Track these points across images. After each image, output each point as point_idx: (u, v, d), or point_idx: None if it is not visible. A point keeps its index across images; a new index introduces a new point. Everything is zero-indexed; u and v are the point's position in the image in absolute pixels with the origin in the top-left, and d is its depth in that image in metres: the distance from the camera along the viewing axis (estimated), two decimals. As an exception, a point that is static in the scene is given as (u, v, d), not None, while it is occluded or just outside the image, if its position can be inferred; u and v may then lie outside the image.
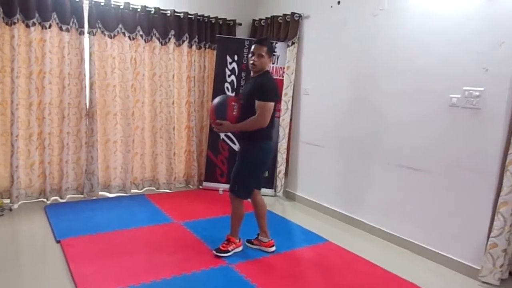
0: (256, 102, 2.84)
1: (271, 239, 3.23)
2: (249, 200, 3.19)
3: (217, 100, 3.03)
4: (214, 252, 3.03)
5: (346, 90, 3.99)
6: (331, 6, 4.10)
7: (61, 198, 4.17)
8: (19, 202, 3.96)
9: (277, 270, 2.89)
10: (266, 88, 2.87)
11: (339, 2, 4.01)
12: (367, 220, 3.77)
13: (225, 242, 3.09)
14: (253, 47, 2.93)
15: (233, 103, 2.97)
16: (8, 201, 3.91)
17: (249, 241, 3.28)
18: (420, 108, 3.29)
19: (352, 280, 2.82)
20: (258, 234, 3.28)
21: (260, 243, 3.23)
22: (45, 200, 4.08)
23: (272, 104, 2.87)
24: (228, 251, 3.04)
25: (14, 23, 3.72)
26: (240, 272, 2.81)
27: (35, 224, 3.53)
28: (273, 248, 3.19)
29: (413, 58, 3.32)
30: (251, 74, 3.05)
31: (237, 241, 3.14)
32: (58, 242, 3.14)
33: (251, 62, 2.92)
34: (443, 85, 3.10)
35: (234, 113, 2.94)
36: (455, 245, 3.08)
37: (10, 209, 3.82)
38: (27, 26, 3.80)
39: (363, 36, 3.78)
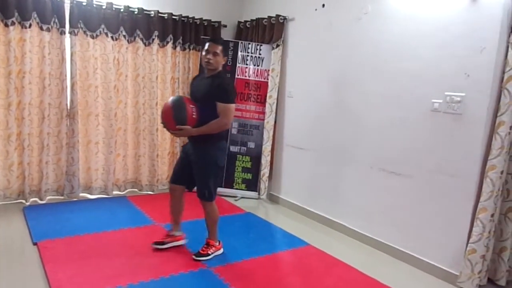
0: (220, 104, 2.80)
1: (183, 233, 3.24)
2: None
3: (171, 102, 2.82)
4: (194, 256, 2.99)
5: (330, 93, 4.00)
6: (316, 9, 4.11)
7: (41, 199, 4.10)
8: (-3, 204, 3.89)
9: (257, 274, 2.87)
10: (229, 90, 2.88)
11: (323, 5, 4.03)
12: (348, 224, 3.79)
13: (205, 245, 3.07)
14: (207, 45, 2.85)
15: (191, 106, 2.81)
16: (-15, 202, 3.84)
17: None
18: (402, 112, 3.31)
19: (331, 284, 2.82)
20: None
21: (173, 238, 3.18)
22: (24, 201, 4.01)
23: (234, 105, 2.90)
24: (209, 255, 3.02)
25: (-7, 21, 3.65)
26: (219, 275, 2.79)
27: (12, 226, 3.47)
28: (184, 241, 3.21)
29: (397, 61, 3.34)
30: (205, 73, 2.96)
31: (217, 243, 3.12)
32: (35, 244, 3.09)
33: (206, 60, 2.84)
34: (426, 89, 3.13)
35: (194, 116, 2.81)
36: (434, 250, 3.10)
37: (-13, 211, 3.75)
38: (6, 25, 3.73)
39: (347, 40, 3.80)
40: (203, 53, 2.86)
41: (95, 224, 3.55)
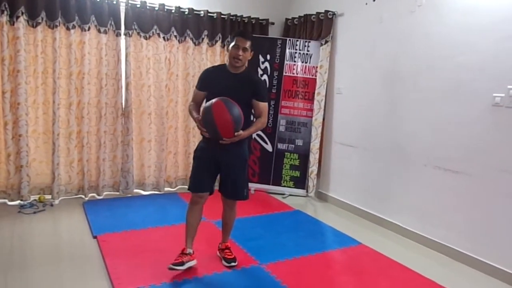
0: (260, 103, 2.70)
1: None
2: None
3: (230, 111, 2.46)
4: (226, 264, 2.85)
5: (381, 89, 3.88)
6: (366, 3, 4.00)
7: (98, 195, 4.31)
8: (60, 198, 4.12)
9: (308, 272, 2.84)
10: (265, 87, 2.80)
11: (374, -1, 3.92)
12: (402, 223, 3.66)
13: (229, 250, 2.93)
14: (236, 39, 2.62)
15: (240, 108, 2.54)
16: (49, 197, 4.08)
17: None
18: (460, 107, 3.15)
19: (387, 286, 2.74)
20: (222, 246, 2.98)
21: (190, 256, 2.80)
22: (83, 196, 4.23)
23: None
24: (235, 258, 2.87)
25: (56, 26, 3.87)
26: (271, 272, 2.79)
27: (74, 220, 3.66)
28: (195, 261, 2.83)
29: (453, 55, 3.19)
30: (226, 69, 2.71)
31: None
32: (94, 237, 3.24)
33: (235, 56, 2.60)
34: (486, 83, 2.96)
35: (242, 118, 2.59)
36: (497, 252, 2.92)
37: (51, 205, 3.98)
38: (68, 28, 3.94)
39: (399, 34, 3.67)
40: (232, 48, 2.63)
41: (149, 219, 3.67)
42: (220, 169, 2.76)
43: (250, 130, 2.69)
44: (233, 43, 2.64)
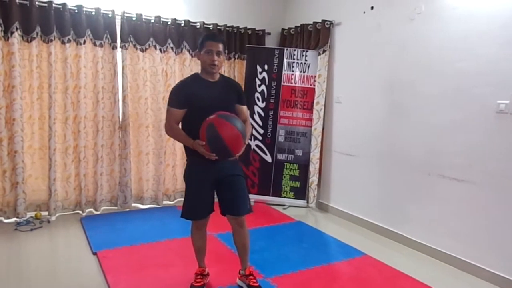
0: (243, 107, 2.63)
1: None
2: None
3: (237, 124, 2.33)
4: None
5: (381, 96, 3.87)
6: (364, 12, 4.00)
7: (96, 210, 4.23)
8: (57, 214, 4.03)
9: (314, 285, 2.79)
10: (242, 90, 2.70)
11: (372, 8, 3.92)
12: (406, 233, 3.61)
13: (253, 277, 2.66)
14: (208, 44, 2.40)
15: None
16: (46, 213, 4.00)
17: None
18: (463, 114, 3.13)
19: (394, 297, 2.69)
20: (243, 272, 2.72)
21: (207, 277, 2.74)
22: (80, 212, 4.14)
23: None
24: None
25: (51, 40, 3.82)
26: (277, 286, 2.73)
27: (72, 236, 3.59)
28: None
29: (453, 61, 3.18)
30: (206, 77, 2.49)
31: None
32: (94, 254, 3.17)
33: (211, 62, 2.40)
34: (489, 90, 2.94)
35: None
36: (504, 262, 2.88)
37: (48, 221, 3.90)
38: (63, 42, 3.90)
39: (398, 41, 3.67)
40: (204, 54, 2.41)
41: (149, 234, 3.60)
42: (219, 186, 2.54)
43: (247, 137, 2.48)
44: (204, 49, 2.41)
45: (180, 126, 2.54)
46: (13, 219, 3.85)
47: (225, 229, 3.09)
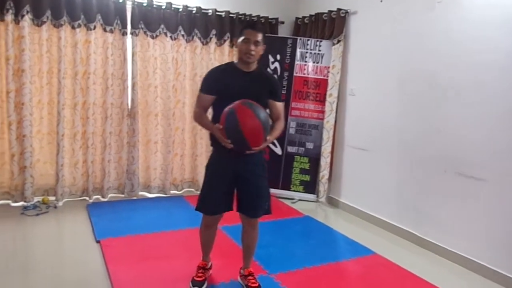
0: (277, 103, 2.43)
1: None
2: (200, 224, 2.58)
3: (260, 115, 2.16)
4: None
5: (397, 89, 3.72)
6: (381, 1, 3.84)
7: (103, 197, 4.20)
8: (64, 200, 4.02)
9: (321, 284, 2.70)
10: (280, 86, 2.53)
11: (390, -3, 3.76)
12: (419, 233, 3.48)
13: (253, 277, 2.56)
14: (246, 33, 2.29)
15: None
16: (53, 198, 3.99)
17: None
18: (481, 109, 2.98)
19: (402, 298, 2.58)
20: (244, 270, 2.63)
21: (209, 271, 2.66)
22: (87, 198, 4.13)
23: None
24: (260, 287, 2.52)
25: (61, 25, 3.78)
26: (281, 283, 2.65)
27: (77, 223, 3.56)
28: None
29: (475, 53, 3.01)
30: (241, 67, 2.36)
31: None
32: (97, 242, 3.13)
33: (247, 52, 2.28)
34: (509, 84, 2.78)
35: None
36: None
37: (55, 207, 3.89)
38: (73, 27, 3.85)
39: (416, 32, 3.51)
40: (241, 43, 2.30)
41: (154, 224, 3.56)
42: (238, 183, 2.41)
43: (274, 134, 2.34)
44: (242, 37, 2.30)
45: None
46: (21, 203, 3.85)
47: (231, 222, 3.02)
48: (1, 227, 3.42)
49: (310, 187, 4.61)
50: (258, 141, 2.17)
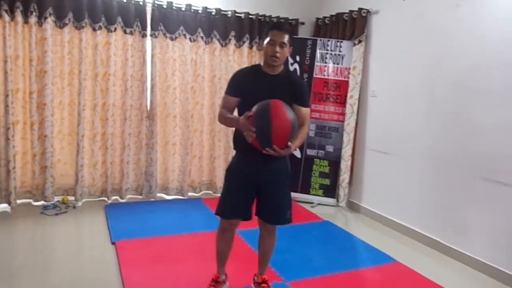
0: (302, 109, 2.27)
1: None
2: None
3: (292, 117, 2.07)
4: None
5: (421, 91, 3.58)
6: None
7: (121, 198, 4.22)
8: (83, 200, 4.05)
9: (337, 291, 2.60)
10: (308, 91, 2.40)
11: (414, -5, 3.63)
12: (444, 240, 3.33)
13: (266, 284, 2.50)
14: (272, 34, 2.19)
15: None
16: (73, 198, 4.03)
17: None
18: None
19: (424, 310, 2.45)
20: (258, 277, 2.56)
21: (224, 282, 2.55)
22: (106, 199, 4.15)
23: None
24: None
25: (83, 27, 3.82)
26: (296, 290, 2.56)
27: (95, 224, 3.58)
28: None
29: (505, 53, 2.86)
30: (266, 70, 2.27)
31: None
32: (113, 243, 3.13)
33: (272, 54, 2.17)
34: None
35: None
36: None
37: (74, 207, 3.93)
38: (94, 29, 3.89)
39: (441, 31, 3.36)
40: (267, 45, 2.20)
41: (170, 226, 3.53)
42: (259, 191, 2.33)
43: (297, 143, 2.18)
44: (268, 39, 2.20)
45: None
46: (41, 202, 3.91)
47: (248, 226, 2.92)
48: (22, 225, 3.48)
49: (330, 191, 4.50)
50: (282, 141, 2.04)
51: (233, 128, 2.42)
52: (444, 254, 3.29)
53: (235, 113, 2.36)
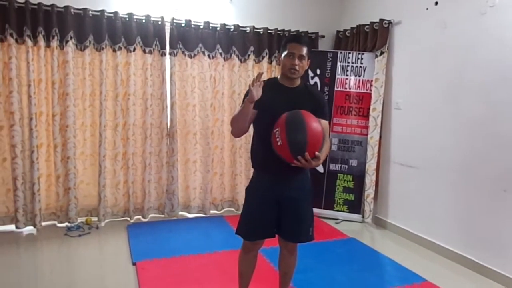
0: (322, 121, 2.17)
1: None
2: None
3: (317, 123, 2.07)
4: None
5: (447, 103, 3.44)
6: (427, 8, 3.61)
7: (143, 217, 4.21)
8: (106, 221, 4.07)
9: (364, 315, 2.47)
10: (327, 103, 2.33)
11: (436, 3, 3.51)
12: (475, 257, 3.14)
13: None
14: (290, 46, 2.14)
15: None
16: (96, 219, 4.05)
17: None
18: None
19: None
20: None
21: None
22: (128, 219, 4.16)
23: None
24: None
25: (103, 48, 3.89)
26: (320, 314, 2.45)
27: (117, 244, 3.57)
28: None
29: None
30: (284, 82, 2.22)
31: None
32: (134, 264, 3.10)
33: (291, 67, 2.13)
34: None
35: None
36: None
37: (97, 227, 3.94)
38: (114, 50, 3.95)
39: (466, 40, 3.23)
40: (285, 57, 2.16)
41: (192, 246, 3.49)
42: (280, 208, 2.24)
43: (323, 154, 2.08)
44: (285, 52, 2.15)
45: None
46: (65, 224, 3.94)
47: (270, 244, 2.84)
48: (46, 248, 3.52)
49: (355, 206, 4.36)
50: (315, 148, 2.00)
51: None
52: (477, 272, 3.11)
53: (251, 128, 2.28)
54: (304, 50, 2.14)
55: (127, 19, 3.95)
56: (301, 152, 1.97)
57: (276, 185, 2.21)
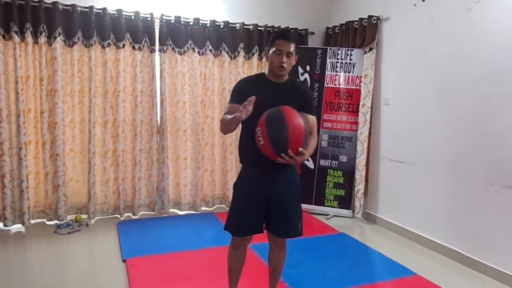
0: (310, 116, 2.20)
1: None
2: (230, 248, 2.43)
3: (305, 122, 2.05)
4: None
5: (435, 98, 3.47)
6: (415, 4, 3.64)
7: (134, 214, 4.19)
8: (96, 218, 4.04)
9: (354, 308, 2.49)
10: (313, 98, 2.35)
11: (423, -1, 3.55)
12: (464, 251, 3.19)
13: None
14: (278, 43, 2.12)
15: None
16: (85, 216, 4.02)
17: None
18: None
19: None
20: None
21: None
22: (119, 216, 4.13)
23: None
24: None
25: (92, 44, 3.85)
26: (310, 307, 2.47)
27: (107, 242, 3.55)
28: None
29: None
30: (271, 78, 2.22)
31: None
32: (124, 261, 3.09)
33: (280, 65, 2.12)
34: None
35: None
36: None
37: (87, 225, 3.91)
38: (103, 47, 3.92)
39: (454, 35, 3.27)
40: (273, 54, 2.14)
41: (182, 242, 3.48)
42: (269, 202, 2.24)
43: (309, 150, 2.09)
44: (273, 49, 2.13)
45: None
46: (55, 222, 3.91)
47: (260, 240, 2.85)
48: (35, 245, 3.48)
49: (345, 202, 4.39)
50: (297, 144, 1.98)
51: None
52: (466, 265, 3.15)
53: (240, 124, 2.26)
54: (292, 47, 2.13)
55: (116, 15, 3.92)
56: (284, 149, 1.96)
57: (264, 181, 2.20)
